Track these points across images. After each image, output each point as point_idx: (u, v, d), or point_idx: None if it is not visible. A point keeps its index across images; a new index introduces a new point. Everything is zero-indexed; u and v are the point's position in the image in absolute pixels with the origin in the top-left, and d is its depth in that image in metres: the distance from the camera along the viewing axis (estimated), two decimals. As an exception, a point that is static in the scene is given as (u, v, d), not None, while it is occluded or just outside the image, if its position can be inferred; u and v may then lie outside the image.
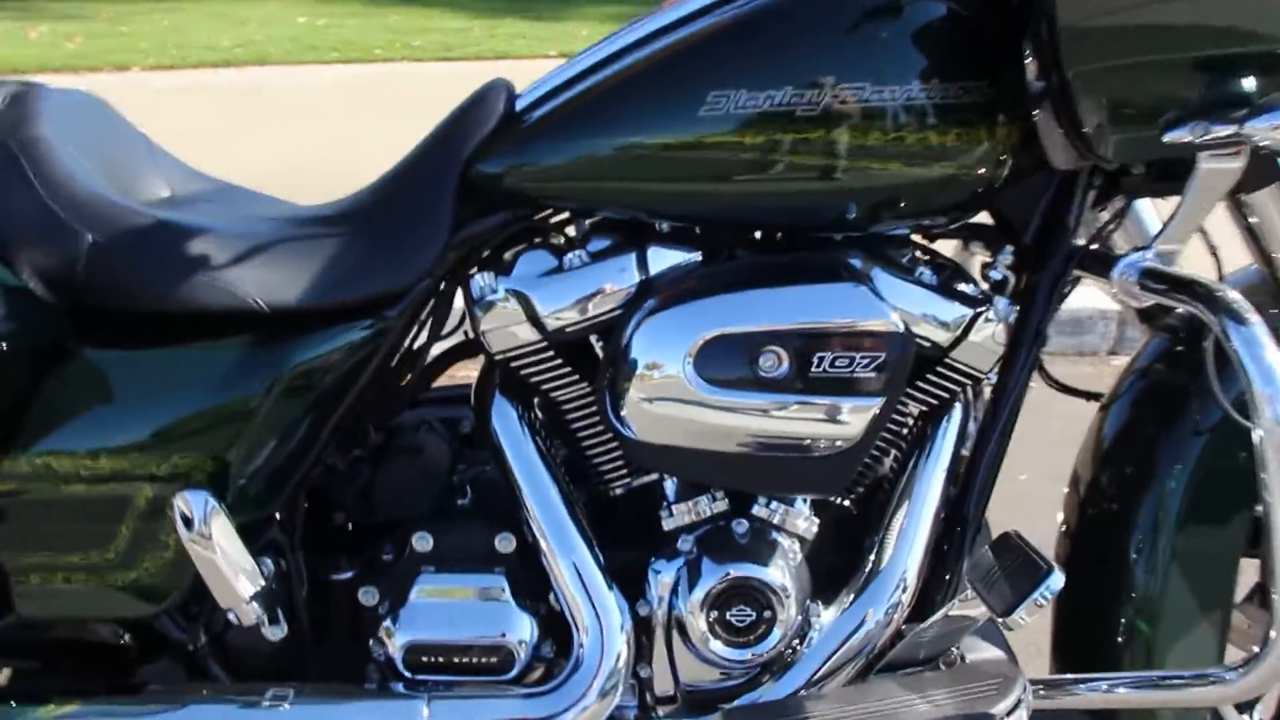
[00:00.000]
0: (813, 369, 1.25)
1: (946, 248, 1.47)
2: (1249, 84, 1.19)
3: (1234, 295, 1.23)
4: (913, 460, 1.39)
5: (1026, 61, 1.23)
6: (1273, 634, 1.27)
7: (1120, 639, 1.46)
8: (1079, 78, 1.17)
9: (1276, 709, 1.64)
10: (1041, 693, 1.37)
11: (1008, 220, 1.42)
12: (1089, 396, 1.63)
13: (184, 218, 1.36)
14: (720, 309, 1.26)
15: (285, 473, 1.34)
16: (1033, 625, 1.57)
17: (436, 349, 1.48)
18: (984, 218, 1.44)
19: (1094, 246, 1.41)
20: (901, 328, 1.25)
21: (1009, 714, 1.26)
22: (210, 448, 1.31)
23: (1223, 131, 1.18)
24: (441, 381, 1.53)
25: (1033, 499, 2.02)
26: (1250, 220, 1.40)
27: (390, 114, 4.77)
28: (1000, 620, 1.24)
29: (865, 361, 1.24)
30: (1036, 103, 1.24)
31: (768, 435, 1.28)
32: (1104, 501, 1.53)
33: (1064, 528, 1.59)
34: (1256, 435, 1.20)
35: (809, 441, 1.28)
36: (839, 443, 1.28)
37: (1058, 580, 1.22)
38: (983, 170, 1.28)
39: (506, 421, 1.38)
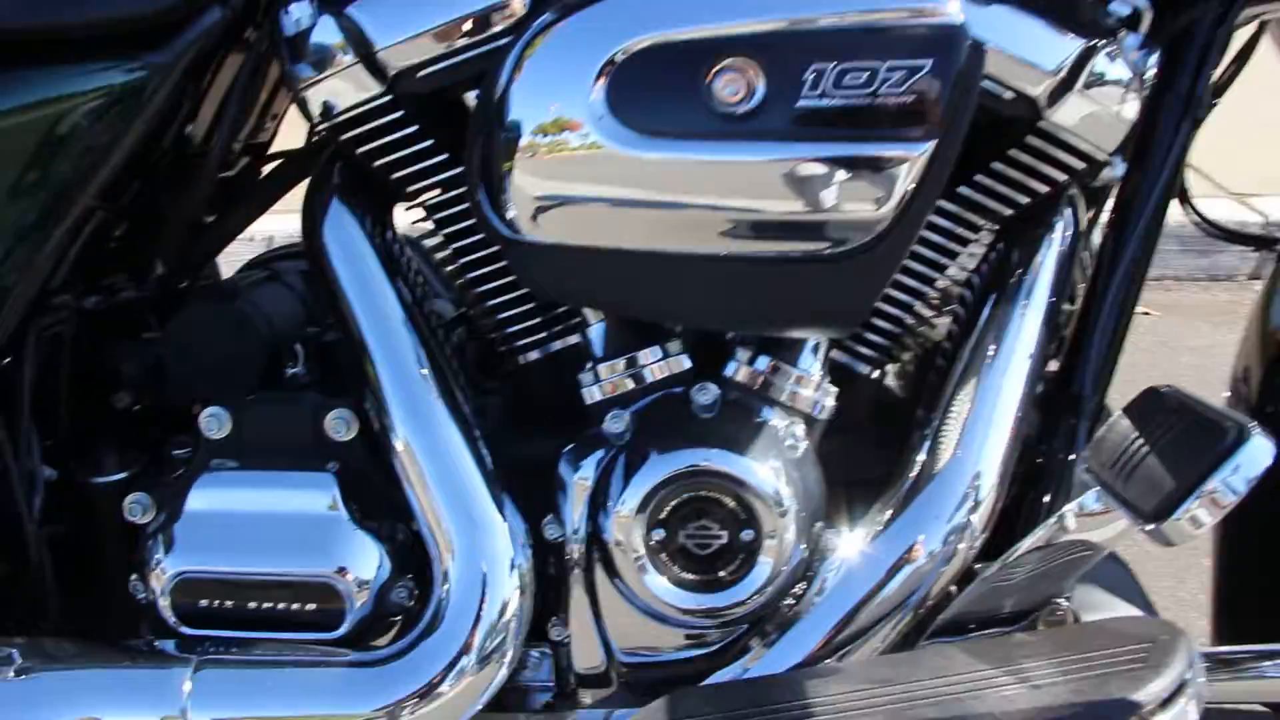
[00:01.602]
0: (807, 91, 0.72)
1: None
2: None
3: None
4: (991, 301, 0.88)
5: None
6: None
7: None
8: None
9: None
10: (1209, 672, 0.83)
11: None
12: (1260, 243, 1.11)
13: None
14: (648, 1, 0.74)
15: None
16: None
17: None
18: None
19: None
20: (961, 19, 0.72)
21: (1169, 701, 0.70)
22: None
23: None
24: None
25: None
26: None
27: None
28: (1150, 528, 0.69)
29: (900, 75, 0.71)
30: None
31: (734, 223, 0.75)
32: None
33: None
34: None
35: (804, 228, 0.75)
36: (861, 227, 0.74)
37: (1263, 449, 0.67)
38: None
39: (343, 237, 0.89)
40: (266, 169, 1.07)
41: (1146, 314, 2.32)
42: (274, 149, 1.10)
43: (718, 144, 0.74)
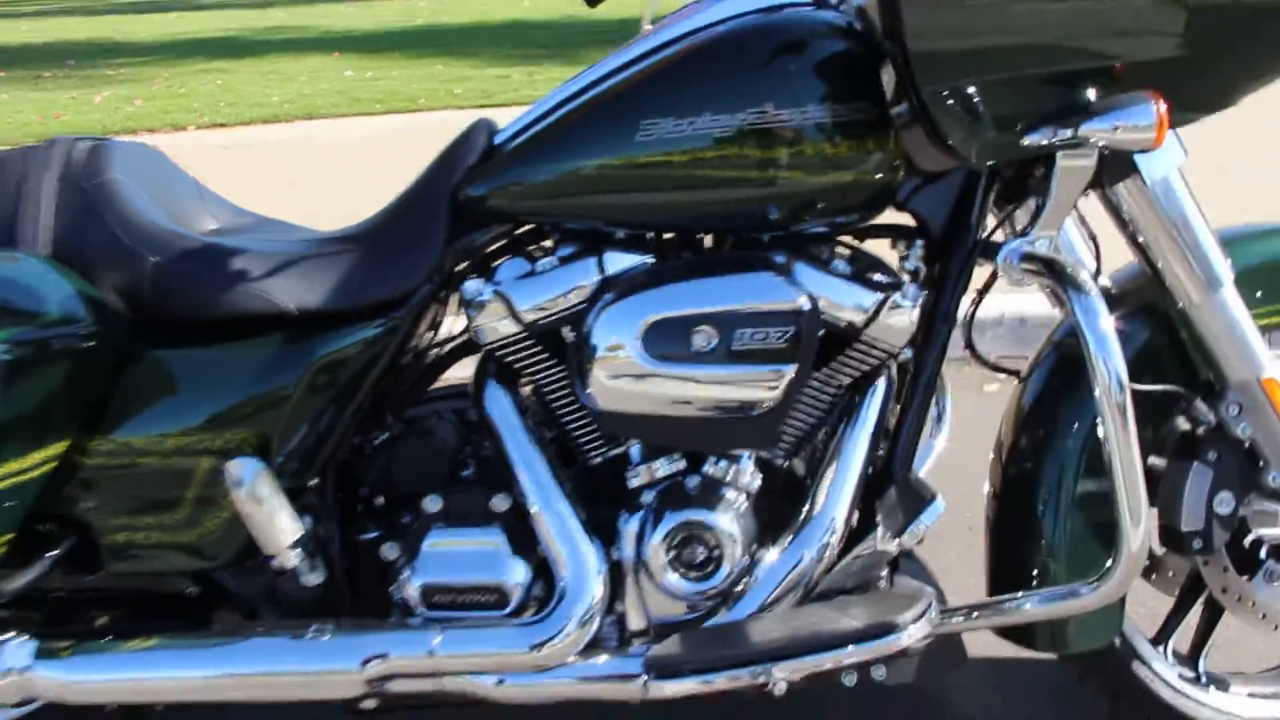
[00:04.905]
0: (736, 343, 1.52)
1: (881, 247, 1.72)
2: (1087, 94, 1.44)
3: (1084, 274, 1.48)
4: (842, 425, 1.65)
5: (885, 84, 1.49)
6: (1110, 555, 1.52)
7: (1034, 578, 1.70)
8: (933, 96, 1.42)
9: (1190, 645, 1.86)
10: (949, 615, 1.63)
11: (923, 219, 1.66)
12: (1011, 373, 1.87)
13: (227, 241, 1.66)
14: (662, 297, 1.54)
15: (316, 448, 1.63)
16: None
17: (443, 347, 1.78)
18: (904, 218, 1.69)
19: (995, 238, 1.66)
20: (808, 307, 1.52)
21: (913, 623, 1.52)
22: (255, 428, 1.60)
23: (1067, 134, 1.43)
24: (448, 380, 1.83)
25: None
26: (1122, 212, 1.64)
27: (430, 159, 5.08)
28: (896, 541, 1.50)
29: (778, 335, 1.51)
30: (902, 118, 1.49)
31: (706, 399, 1.55)
32: (1021, 462, 1.75)
33: (989, 490, 1.81)
34: (1096, 391, 1.45)
35: (739, 403, 1.55)
36: (764, 403, 1.54)
37: (937, 508, 1.48)
38: (877, 175, 1.54)
39: (499, 403, 1.66)
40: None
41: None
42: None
43: (694, 366, 1.53)
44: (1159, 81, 1.42)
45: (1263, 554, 1.72)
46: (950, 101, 1.43)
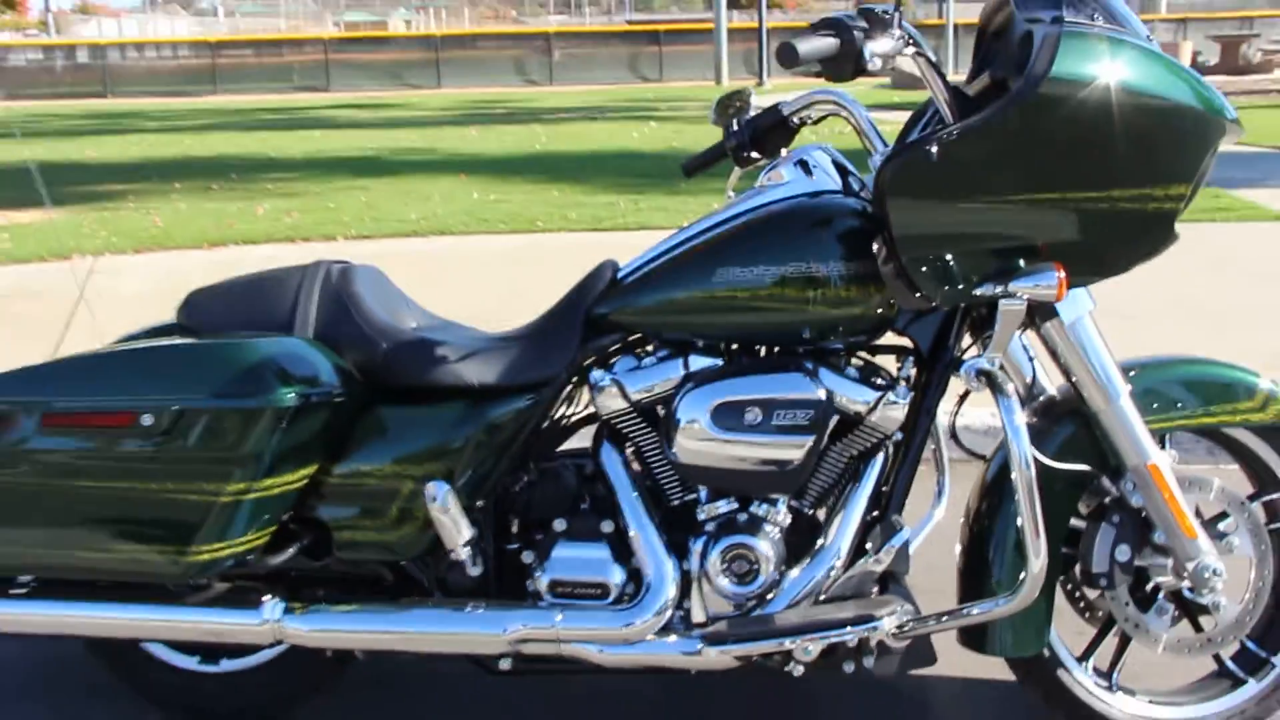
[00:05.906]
0: (775, 420, 2.23)
1: (884, 359, 2.42)
2: (1018, 261, 2.14)
3: (1010, 385, 2.17)
4: (850, 484, 2.35)
5: (877, 249, 2.20)
6: (1022, 575, 2.17)
7: (985, 599, 2.35)
8: (910, 261, 2.14)
9: (1109, 664, 2.48)
10: (919, 621, 2.29)
11: (915, 340, 2.37)
12: (980, 457, 2.54)
13: (429, 335, 2.43)
14: (726, 388, 2.26)
15: (483, 481, 2.37)
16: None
17: (571, 418, 2.52)
18: (904, 340, 2.40)
19: (970, 354, 2.36)
20: (824, 398, 2.23)
21: (887, 618, 2.20)
22: (443, 463, 2.35)
23: (1001, 288, 2.13)
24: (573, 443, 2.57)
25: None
26: (1049, 344, 2.33)
27: (547, 275, 5.89)
28: (876, 559, 2.18)
29: (804, 416, 2.22)
30: (888, 272, 2.21)
31: (753, 458, 2.26)
32: (982, 521, 2.42)
33: (959, 546, 2.48)
34: (1013, 473, 2.12)
35: (776, 462, 2.25)
36: (793, 463, 2.25)
37: (904, 536, 2.16)
38: (878, 310, 2.25)
39: (611, 457, 2.39)
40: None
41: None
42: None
43: (746, 434, 2.24)
44: (1065, 255, 2.12)
45: (1160, 596, 2.36)
46: (922, 266, 2.14)
